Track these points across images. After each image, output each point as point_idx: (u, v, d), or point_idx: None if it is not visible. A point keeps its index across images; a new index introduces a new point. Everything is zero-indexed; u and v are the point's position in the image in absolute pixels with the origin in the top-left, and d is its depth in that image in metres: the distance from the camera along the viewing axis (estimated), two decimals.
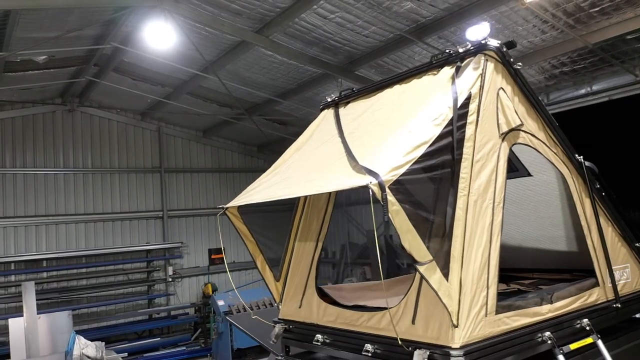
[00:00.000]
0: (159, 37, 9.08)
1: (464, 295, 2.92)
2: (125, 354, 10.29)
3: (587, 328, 3.53)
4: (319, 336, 3.67)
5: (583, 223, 3.83)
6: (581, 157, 3.81)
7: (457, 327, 2.87)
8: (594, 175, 3.93)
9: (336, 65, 10.33)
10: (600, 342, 3.46)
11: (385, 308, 3.36)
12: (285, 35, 9.43)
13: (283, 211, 4.39)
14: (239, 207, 3.96)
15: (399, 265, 11.61)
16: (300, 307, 4.00)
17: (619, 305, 3.88)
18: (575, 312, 3.58)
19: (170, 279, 14.79)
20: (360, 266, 14.64)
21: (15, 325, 8.43)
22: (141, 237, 14.67)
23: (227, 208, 3.88)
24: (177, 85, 12.52)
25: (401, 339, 3.03)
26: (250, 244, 4.07)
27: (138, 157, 14.94)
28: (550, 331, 3.30)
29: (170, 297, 14.80)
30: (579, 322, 3.54)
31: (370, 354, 3.24)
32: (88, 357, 8.64)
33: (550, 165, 3.96)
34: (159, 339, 13.61)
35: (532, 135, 3.54)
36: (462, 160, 3.08)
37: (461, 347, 2.84)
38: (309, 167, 3.71)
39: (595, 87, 9.58)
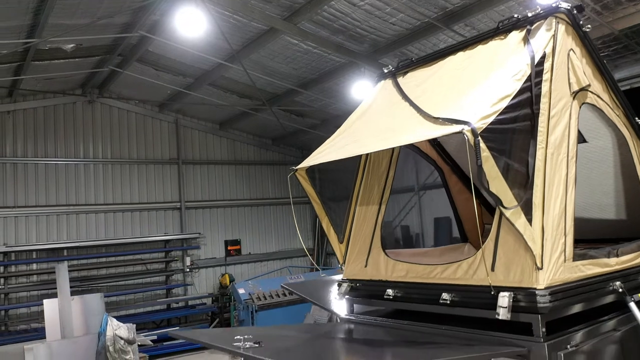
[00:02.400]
0: (189, 24, 9.23)
1: (545, 241, 3.07)
2: (155, 337, 10.40)
3: None
4: (389, 291, 3.80)
5: None
6: None
7: (541, 269, 3.00)
8: None
9: (360, 54, 10.48)
10: None
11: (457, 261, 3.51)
12: (313, 23, 9.58)
13: (350, 172, 4.50)
14: (307, 170, 4.08)
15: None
16: (366, 267, 4.14)
17: None
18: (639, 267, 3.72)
19: (187, 270, 14.90)
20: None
21: (50, 306, 8.54)
22: (159, 227, 14.79)
23: (297, 169, 4.01)
24: (199, 76, 12.65)
25: (483, 286, 3.18)
26: (316, 206, 4.22)
27: (156, 148, 15.07)
28: (619, 281, 3.44)
29: (188, 287, 14.91)
30: None
31: (448, 302, 3.37)
32: (121, 337, 8.77)
33: (606, 131, 4.11)
34: (177, 328, 13.70)
35: (598, 96, 3.69)
36: (539, 114, 3.23)
37: (546, 288, 2.98)
38: (379, 128, 3.84)
39: (617, 75, 9.74)
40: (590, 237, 5.20)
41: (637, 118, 3.97)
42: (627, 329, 3.45)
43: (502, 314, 3.02)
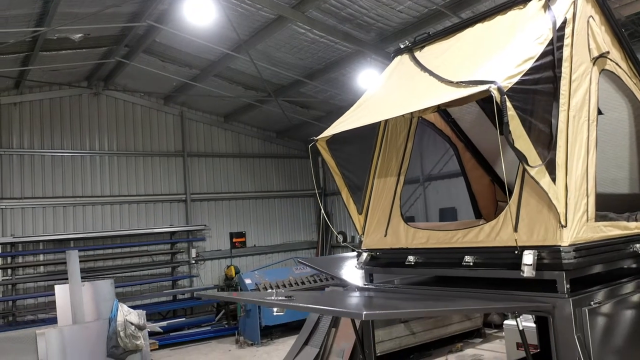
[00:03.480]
0: (197, 13, 9.29)
1: (569, 200, 3.13)
2: (165, 323, 10.46)
3: None
4: (410, 257, 3.86)
5: None
6: None
7: (565, 227, 3.06)
8: None
9: (367, 42, 10.53)
10: None
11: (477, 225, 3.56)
12: (320, 11, 9.63)
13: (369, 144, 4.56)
14: (328, 141, 4.14)
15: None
16: (385, 236, 4.19)
17: None
18: None
19: (193, 261, 14.96)
20: None
21: (61, 292, 8.58)
22: (165, 219, 14.84)
23: (318, 139, 4.07)
24: (205, 67, 12.70)
25: (507, 246, 3.24)
26: (336, 177, 4.27)
27: (161, 141, 15.12)
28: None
29: (194, 279, 14.96)
30: None
31: (471, 264, 3.43)
32: (131, 323, 8.81)
33: (622, 102, 4.17)
34: (183, 319, 13.74)
35: (617, 64, 3.75)
36: (561, 78, 3.29)
37: (570, 245, 3.04)
38: (400, 98, 3.90)
39: None
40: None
41: None
42: None
43: (527, 271, 3.08)
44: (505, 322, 7.90)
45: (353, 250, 4.55)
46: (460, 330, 10.62)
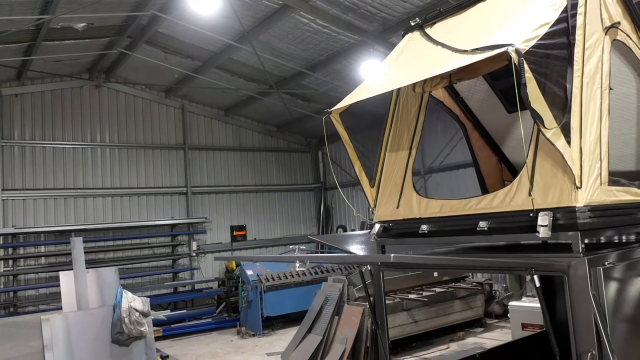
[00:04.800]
0: (202, 3, 9.32)
1: (583, 162, 3.18)
2: (169, 311, 10.46)
3: None
4: (424, 226, 3.91)
5: None
6: None
7: (580, 188, 3.12)
8: None
9: (370, 33, 10.59)
10: None
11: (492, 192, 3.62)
12: (324, 0, 9.67)
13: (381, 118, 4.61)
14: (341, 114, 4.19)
15: None
16: (398, 208, 4.24)
17: None
18: None
19: (194, 254, 14.97)
20: None
21: (66, 279, 8.57)
22: (165, 212, 14.86)
23: (331, 112, 4.12)
24: (207, 59, 12.73)
25: (522, 210, 3.29)
26: (349, 149, 4.31)
27: (162, 133, 15.14)
28: None
29: (194, 271, 14.98)
30: None
31: (485, 230, 3.48)
32: (136, 309, 8.82)
33: (630, 76, 4.23)
34: (184, 311, 13.76)
35: (628, 35, 3.82)
36: (575, 45, 3.35)
37: (585, 206, 3.10)
38: (414, 69, 3.95)
39: None
40: None
41: None
42: None
43: (543, 232, 3.13)
44: (511, 303, 7.97)
45: (373, 212, 4.58)
46: (461, 319, 10.69)
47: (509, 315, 8.63)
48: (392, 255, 2.14)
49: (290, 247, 15.16)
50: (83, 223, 13.49)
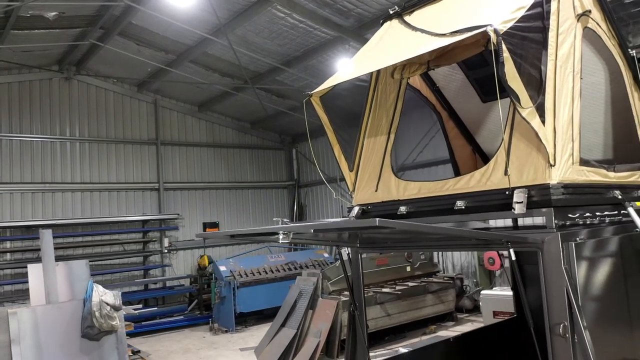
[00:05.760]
0: None
1: (557, 141, 3.30)
2: (140, 306, 10.30)
3: None
4: (402, 208, 3.98)
5: (633, 113, 4.28)
6: (634, 52, 4.26)
7: (553, 166, 3.23)
8: None
9: (347, 28, 10.67)
10: None
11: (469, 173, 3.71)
12: None
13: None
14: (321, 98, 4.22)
15: None
16: (376, 191, 4.30)
17: None
18: (632, 184, 4.01)
19: (166, 251, 14.78)
20: None
21: (34, 271, 8.36)
22: (137, 208, 14.63)
23: (312, 94, 4.15)
24: (181, 52, 12.61)
25: (498, 189, 3.39)
26: (329, 133, 4.35)
27: (134, 128, 14.91)
28: (618, 191, 3.71)
29: (166, 268, 14.78)
30: (636, 192, 3.98)
31: (463, 208, 3.57)
32: (107, 303, 8.67)
33: (600, 66, 4.39)
34: (155, 308, 13.56)
35: (598, 24, 3.97)
36: (550, 29, 3.47)
37: (558, 183, 3.21)
38: (393, 52, 4.01)
39: None
40: None
41: (629, 50, 4.27)
42: (624, 235, 3.72)
43: (518, 209, 3.23)
44: (482, 292, 8.15)
45: (351, 196, 4.62)
46: (433, 313, 10.86)
47: (480, 304, 8.81)
48: (377, 219, 2.19)
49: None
50: (51, 218, 13.16)
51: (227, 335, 11.96)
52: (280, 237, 2.71)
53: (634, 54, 4.29)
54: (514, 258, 3.16)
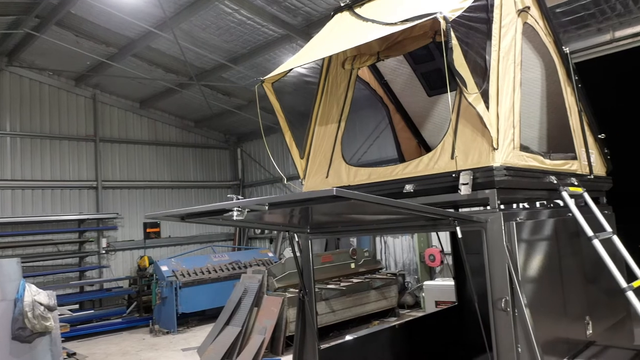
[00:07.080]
0: None
1: (500, 127, 3.48)
2: (77, 306, 9.85)
3: (576, 183, 4.24)
4: None
5: (567, 106, 4.57)
6: (567, 48, 4.55)
7: (497, 149, 3.40)
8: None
9: (294, 27, 10.73)
10: (586, 194, 4.17)
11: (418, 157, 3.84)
12: None
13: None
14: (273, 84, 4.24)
15: None
16: (327, 177, 4.36)
17: (592, 177, 4.66)
18: (565, 172, 4.28)
19: (103, 252, 14.23)
20: None
21: None
22: (73, 207, 14.01)
23: (264, 80, 4.16)
24: (123, 45, 12.24)
25: (445, 172, 3.53)
26: (281, 120, 4.37)
27: (71, 124, 14.29)
28: (554, 176, 3.95)
29: (104, 270, 14.23)
30: (569, 179, 4.25)
31: (411, 191, 3.68)
32: (40, 303, 8.25)
33: (536, 62, 4.66)
34: (92, 311, 13.02)
35: (536, 21, 4.21)
36: (493, 22, 3.65)
37: (501, 165, 3.38)
38: (344, 40, 4.08)
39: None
40: None
41: (563, 47, 4.56)
42: (558, 218, 3.96)
43: (464, 190, 3.38)
44: (425, 282, 8.38)
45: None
46: (377, 309, 11.06)
47: (423, 294, 9.06)
48: (335, 189, 2.23)
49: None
50: None
51: (169, 336, 11.66)
52: (235, 213, 2.70)
53: (567, 51, 4.58)
54: (460, 236, 3.30)
